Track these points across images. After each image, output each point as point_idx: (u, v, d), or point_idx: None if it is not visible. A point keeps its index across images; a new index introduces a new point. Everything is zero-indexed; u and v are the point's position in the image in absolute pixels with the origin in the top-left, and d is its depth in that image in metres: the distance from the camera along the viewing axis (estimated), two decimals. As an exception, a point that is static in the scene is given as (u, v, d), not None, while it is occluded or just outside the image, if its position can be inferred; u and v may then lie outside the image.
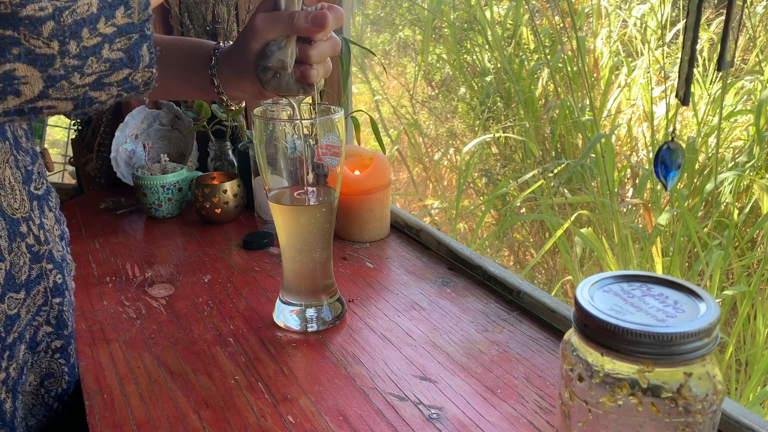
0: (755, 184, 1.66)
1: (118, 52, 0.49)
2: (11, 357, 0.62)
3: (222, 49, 0.72)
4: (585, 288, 0.47)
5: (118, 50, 0.49)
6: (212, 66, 0.71)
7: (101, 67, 0.48)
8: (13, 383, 0.62)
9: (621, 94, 2.12)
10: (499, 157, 2.37)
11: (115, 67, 0.49)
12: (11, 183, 0.62)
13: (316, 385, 0.68)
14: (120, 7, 0.48)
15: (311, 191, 0.76)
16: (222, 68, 0.71)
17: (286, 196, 0.76)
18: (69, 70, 0.47)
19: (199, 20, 1.26)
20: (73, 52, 0.46)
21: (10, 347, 0.61)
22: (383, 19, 3.14)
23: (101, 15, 0.47)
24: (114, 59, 0.49)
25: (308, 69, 0.66)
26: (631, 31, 2.20)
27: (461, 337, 0.77)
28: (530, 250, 2.25)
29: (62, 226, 0.73)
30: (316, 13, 0.63)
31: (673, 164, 0.51)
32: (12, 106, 0.47)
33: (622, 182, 2.05)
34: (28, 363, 0.66)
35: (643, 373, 0.43)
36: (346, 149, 0.77)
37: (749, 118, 1.81)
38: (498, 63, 2.33)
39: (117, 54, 0.49)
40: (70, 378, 0.71)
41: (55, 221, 0.70)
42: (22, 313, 0.63)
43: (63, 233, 0.73)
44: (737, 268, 1.58)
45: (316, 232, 0.76)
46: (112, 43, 0.48)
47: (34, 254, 0.65)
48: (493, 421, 0.62)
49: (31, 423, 0.67)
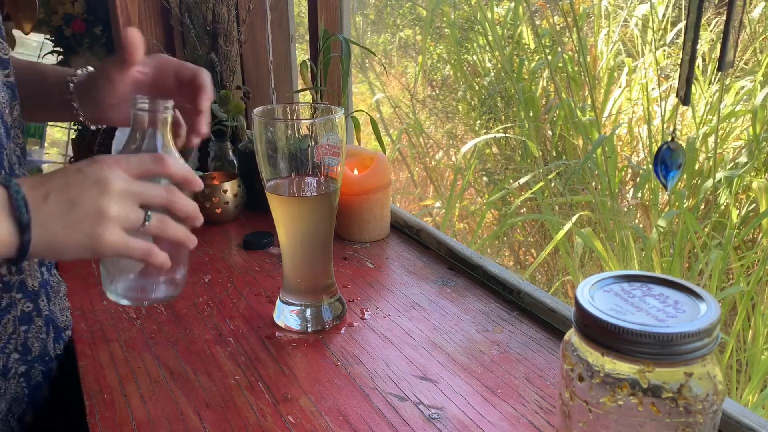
0: (754, 184, 1.65)
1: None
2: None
3: (79, 79, 0.71)
4: (585, 288, 0.47)
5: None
6: (70, 93, 0.71)
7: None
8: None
9: (622, 95, 2.12)
10: (499, 157, 2.37)
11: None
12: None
13: (316, 385, 0.68)
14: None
15: (310, 182, 0.76)
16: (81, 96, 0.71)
17: (284, 187, 0.76)
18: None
19: (199, 20, 1.27)
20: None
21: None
22: (383, 20, 3.14)
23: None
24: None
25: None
26: (632, 31, 2.20)
27: (461, 337, 0.77)
28: (531, 250, 2.25)
29: None
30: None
31: (673, 164, 0.51)
32: None
33: (623, 182, 2.05)
34: (1, 389, 0.67)
35: (643, 373, 0.43)
36: (346, 149, 0.77)
37: (749, 118, 1.81)
38: (498, 63, 2.33)
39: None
40: (29, 399, 0.72)
41: None
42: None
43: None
44: (737, 268, 1.58)
45: (315, 226, 0.76)
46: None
47: (5, 284, 0.66)
48: (493, 421, 0.62)
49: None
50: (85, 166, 0.54)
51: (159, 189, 0.56)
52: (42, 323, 0.72)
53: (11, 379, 0.69)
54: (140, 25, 1.30)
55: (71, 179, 0.53)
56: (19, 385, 0.70)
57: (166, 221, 0.57)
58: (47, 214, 0.52)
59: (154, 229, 0.56)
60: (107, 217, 0.53)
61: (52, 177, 0.54)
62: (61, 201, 0.52)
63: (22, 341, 0.69)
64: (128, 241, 0.55)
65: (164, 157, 0.57)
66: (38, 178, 0.54)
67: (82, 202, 0.52)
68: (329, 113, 0.74)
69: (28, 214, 0.51)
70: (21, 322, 0.69)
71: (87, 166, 0.54)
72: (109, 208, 0.53)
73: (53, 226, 0.52)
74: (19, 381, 0.70)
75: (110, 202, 0.53)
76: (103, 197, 0.53)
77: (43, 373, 0.73)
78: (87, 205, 0.52)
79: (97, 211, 0.52)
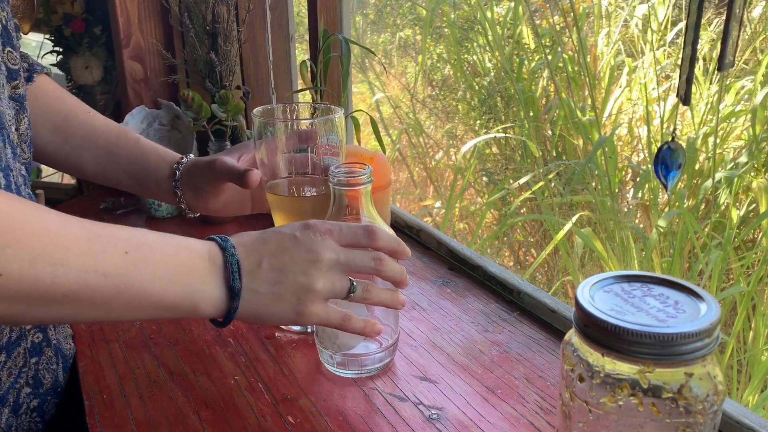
0: (754, 184, 1.65)
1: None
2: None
3: (185, 166, 0.73)
4: (585, 288, 0.47)
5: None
6: (176, 180, 0.73)
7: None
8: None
9: (622, 95, 2.12)
10: (499, 157, 2.37)
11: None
12: None
13: (316, 385, 0.68)
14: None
15: (310, 181, 0.75)
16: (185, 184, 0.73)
17: (283, 187, 0.75)
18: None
19: (198, 20, 1.26)
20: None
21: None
22: (383, 20, 3.14)
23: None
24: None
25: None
26: (633, 31, 2.20)
27: (461, 338, 0.77)
28: (531, 250, 2.25)
29: None
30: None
31: (673, 164, 0.51)
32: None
33: (623, 182, 2.05)
34: (12, 427, 0.64)
35: (643, 373, 0.43)
36: (346, 149, 0.77)
37: (749, 118, 1.81)
38: (498, 63, 2.33)
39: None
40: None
41: None
42: (3, 377, 0.62)
43: None
44: (737, 269, 1.57)
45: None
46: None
47: None
48: (493, 421, 0.62)
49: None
50: (299, 231, 0.54)
51: (367, 259, 0.56)
52: (52, 353, 0.70)
53: (23, 414, 0.66)
54: (140, 24, 1.30)
55: (285, 244, 0.53)
56: (33, 420, 0.68)
57: (371, 289, 0.58)
58: (259, 282, 0.52)
59: (359, 299, 0.57)
60: (314, 291, 0.53)
61: (267, 240, 0.54)
62: (273, 269, 0.53)
63: (32, 374, 0.67)
64: (329, 311, 0.55)
65: (375, 230, 0.57)
66: (254, 241, 0.54)
67: (293, 272, 0.53)
68: (329, 113, 0.74)
69: (241, 281, 0.51)
70: (31, 353, 0.66)
71: (301, 231, 0.54)
72: (316, 281, 0.53)
73: (262, 295, 0.52)
74: (32, 416, 0.68)
75: (318, 274, 0.53)
76: (312, 268, 0.53)
77: (57, 406, 0.71)
78: (297, 276, 0.53)
79: (305, 284, 0.53)
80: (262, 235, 0.55)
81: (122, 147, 0.75)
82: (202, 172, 0.72)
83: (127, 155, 0.75)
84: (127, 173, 0.76)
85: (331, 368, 0.69)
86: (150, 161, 0.75)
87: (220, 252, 0.52)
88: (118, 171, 0.76)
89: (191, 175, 0.73)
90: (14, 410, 0.65)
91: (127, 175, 0.76)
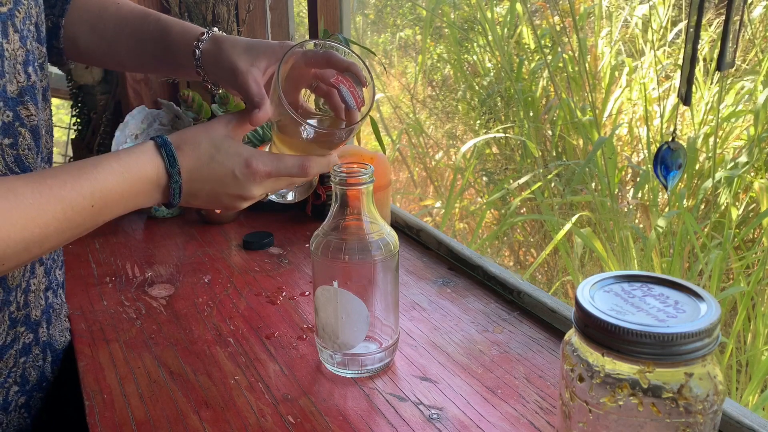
0: (755, 184, 1.65)
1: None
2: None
3: (205, 45, 0.68)
4: (586, 288, 0.47)
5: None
6: (197, 59, 0.69)
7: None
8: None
9: (622, 95, 2.12)
10: (499, 157, 2.37)
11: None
12: None
13: (316, 385, 0.68)
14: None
15: (316, 119, 0.69)
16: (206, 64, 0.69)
17: (291, 128, 0.65)
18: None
19: (199, 20, 1.26)
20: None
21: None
22: (383, 20, 3.14)
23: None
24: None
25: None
26: (633, 31, 2.20)
27: (461, 338, 0.77)
28: (531, 250, 2.25)
29: (51, 275, 0.72)
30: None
31: (673, 164, 0.51)
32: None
33: (623, 182, 2.05)
34: (3, 424, 0.67)
35: (643, 373, 0.43)
36: (345, 148, 0.77)
37: (750, 119, 1.81)
38: (498, 63, 2.33)
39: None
40: (34, 430, 0.71)
41: (44, 274, 0.70)
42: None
43: (51, 282, 0.72)
44: (737, 269, 1.57)
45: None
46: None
47: (12, 320, 0.66)
48: (493, 421, 0.62)
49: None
50: (240, 170, 0.59)
51: (291, 184, 0.64)
52: (39, 351, 0.72)
53: (12, 412, 0.68)
54: (140, 24, 1.30)
55: (225, 180, 0.59)
56: (21, 416, 0.70)
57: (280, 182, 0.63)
58: (195, 202, 0.61)
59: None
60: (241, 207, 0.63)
61: (210, 170, 0.59)
62: (209, 195, 0.60)
63: (20, 373, 0.69)
64: (267, 190, 0.63)
65: (308, 166, 0.61)
66: (199, 168, 0.59)
67: (224, 203, 0.62)
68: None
69: (180, 199, 0.59)
70: (21, 354, 0.68)
71: (241, 170, 0.59)
72: (243, 206, 0.63)
73: (197, 206, 0.62)
74: (21, 413, 0.70)
75: (247, 204, 0.62)
76: (243, 203, 0.62)
77: (42, 400, 0.73)
78: (228, 204, 0.62)
79: (234, 208, 0.63)
80: (208, 163, 0.59)
81: (145, 31, 0.72)
82: (223, 69, 0.66)
83: (152, 37, 0.72)
84: (156, 57, 0.72)
85: (331, 368, 0.70)
86: (172, 41, 0.70)
87: (166, 176, 0.58)
88: (148, 57, 0.73)
89: (212, 63, 0.67)
90: (4, 408, 0.67)
91: (156, 59, 0.73)
